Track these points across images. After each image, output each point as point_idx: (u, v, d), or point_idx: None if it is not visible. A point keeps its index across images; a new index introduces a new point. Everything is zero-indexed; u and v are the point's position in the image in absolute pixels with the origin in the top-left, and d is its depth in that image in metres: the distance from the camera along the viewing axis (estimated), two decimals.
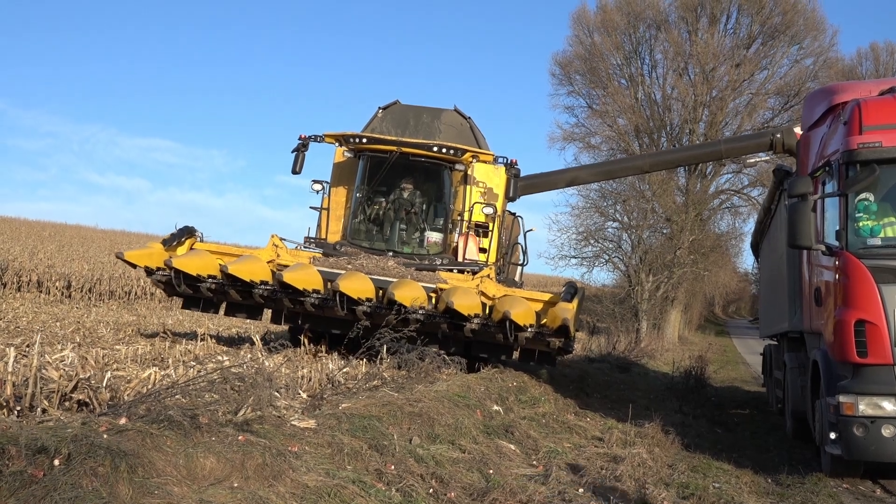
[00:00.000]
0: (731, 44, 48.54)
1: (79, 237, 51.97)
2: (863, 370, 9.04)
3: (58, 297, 30.04)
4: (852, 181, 9.35)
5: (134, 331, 17.89)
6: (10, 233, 45.74)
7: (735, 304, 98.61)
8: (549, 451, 9.98)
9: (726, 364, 33.76)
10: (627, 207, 42.48)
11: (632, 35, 49.36)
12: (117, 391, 7.60)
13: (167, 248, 13.99)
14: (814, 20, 48.29)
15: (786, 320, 13.41)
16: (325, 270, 13.37)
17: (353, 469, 6.74)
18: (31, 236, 45.57)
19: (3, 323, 17.39)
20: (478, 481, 7.78)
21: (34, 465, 4.64)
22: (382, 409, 8.44)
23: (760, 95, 48.51)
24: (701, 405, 17.32)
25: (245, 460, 5.85)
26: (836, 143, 9.92)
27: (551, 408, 13.17)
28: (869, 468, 9.78)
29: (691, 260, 42.91)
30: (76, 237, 51.55)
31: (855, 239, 9.29)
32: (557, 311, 13.15)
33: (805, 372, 11.51)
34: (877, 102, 9.73)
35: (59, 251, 38.56)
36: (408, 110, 16.64)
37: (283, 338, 15.66)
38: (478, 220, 15.49)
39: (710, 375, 22.45)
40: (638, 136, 48.27)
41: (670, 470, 10.00)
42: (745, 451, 11.79)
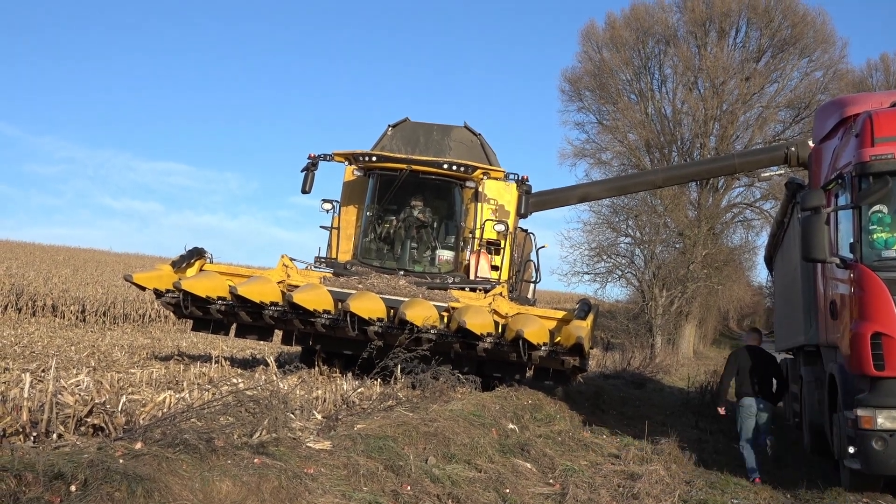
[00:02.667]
0: (741, 57, 48.60)
1: (93, 261, 52.20)
2: (880, 383, 9.01)
3: (72, 322, 30.18)
4: (865, 193, 9.35)
5: (148, 354, 17.96)
6: (25, 258, 45.98)
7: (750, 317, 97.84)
8: (566, 469, 9.95)
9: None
10: (640, 223, 42.53)
11: (641, 50, 49.51)
12: (133, 415, 7.62)
13: (176, 270, 14.01)
14: (823, 32, 48.34)
15: (801, 334, 13.36)
16: (335, 290, 13.38)
17: (369, 490, 6.74)
18: (46, 261, 45.78)
19: (19, 348, 17.47)
20: (494, 501, 7.77)
21: (51, 491, 4.66)
22: (398, 429, 8.44)
23: (771, 108, 48.50)
24: (717, 420, 17.23)
25: (261, 483, 5.85)
26: (848, 156, 9.92)
27: (567, 425, 13.14)
28: (889, 482, 9.73)
29: (705, 274, 42.84)
30: (90, 261, 51.78)
31: (869, 251, 9.28)
32: (571, 329, 13.12)
33: (822, 386, 11.46)
34: (888, 114, 9.73)
35: (74, 275, 38.76)
36: (418, 128, 16.67)
37: (298, 359, 15.67)
38: (489, 238, 15.49)
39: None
40: (649, 151, 48.28)
41: (688, 486, 9.96)
42: (763, 466, 11.72)
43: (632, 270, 43.87)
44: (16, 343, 18.71)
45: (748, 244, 50.98)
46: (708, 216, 45.27)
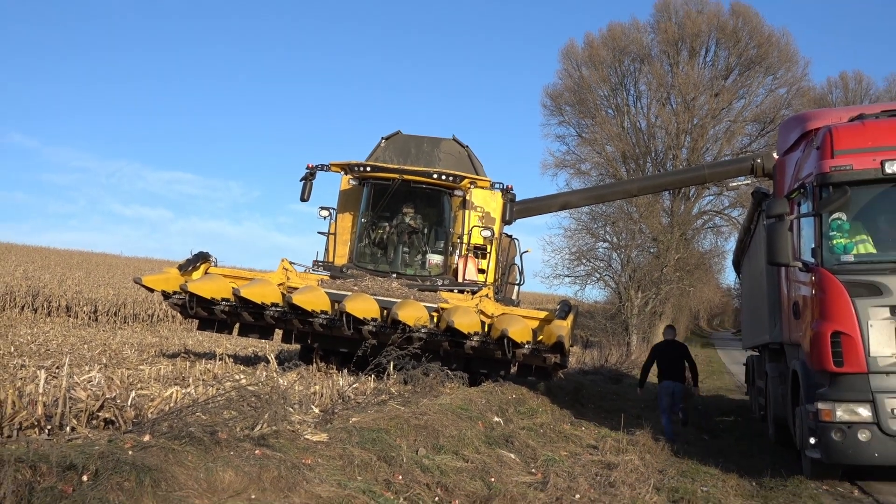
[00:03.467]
0: (710, 75, 48.87)
1: (105, 265, 52.03)
2: (839, 379, 9.05)
3: (85, 321, 30.08)
4: (826, 202, 9.39)
5: (156, 352, 17.90)
6: (41, 261, 45.82)
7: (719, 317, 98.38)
8: (547, 460, 9.94)
9: (712, 374, 33.66)
10: (616, 229, 42.68)
11: (617, 68, 49.71)
12: (141, 409, 7.60)
13: (183, 273, 13.99)
14: (787, 52, 48.65)
15: (766, 332, 13.41)
16: (332, 292, 13.37)
17: (363, 480, 6.73)
18: (61, 264, 45.63)
19: (35, 346, 17.40)
20: (480, 489, 7.76)
21: (64, 481, 4.64)
22: (390, 422, 8.43)
23: (738, 122, 48.78)
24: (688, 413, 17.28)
25: (262, 473, 5.84)
26: (809, 167, 9.97)
27: (548, 418, 13.14)
28: (847, 471, 9.77)
29: (677, 277, 42.97)
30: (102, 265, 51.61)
31: (829, 256, 9.32)
32: (553, 328, 13.14)
33: (785, 381, 11.51)
34: (847, 128, 9.78)
35: (87, 278, 38.64)
36: (409, 140, 16.69)
37: (297, 356, 15.64)
38: (476, 243, 15.51)
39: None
40: (625, 162, 48.44)
41: (661, 475, 9.97)
42: (731, 456, 11.76)
43: (609, 273, 44.03)
44: (32, 341, 18.65)
45: (717, 249, 51.29)
46: (680, 223, 45.43)
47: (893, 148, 9.22)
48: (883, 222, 9.51)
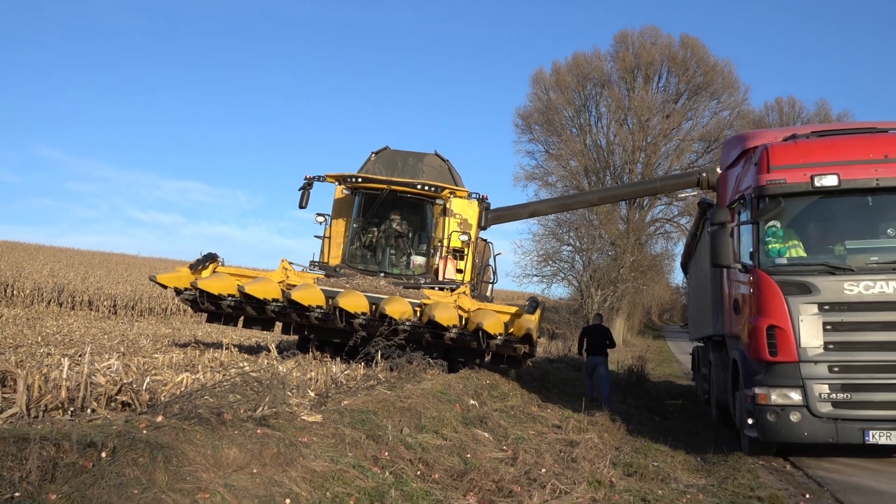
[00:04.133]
0: (662, 99, 49.12)
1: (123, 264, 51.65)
2: (774, 367, 9.11)
3: (105, 314, 29.89)
4: (762, 211, 9.45)
5: (169, 342, 17.79)
6: (66, 261, 45.43)
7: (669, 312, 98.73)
8: (517, 438, 9.95)
9: (662, 362, 33.84)
10: (579, 234, 42.75)
11: (581, 92, 49.86)
12: (155, 393, 7.55)
13: (193, 271, 13.92)
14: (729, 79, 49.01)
15: (710, 326, 13.47)
16: (326, 289, 13.34)
17: (353, 456, 6.71)
18: (84, 264, 45.25)
19: (60, 336, 17.25)
20: (458, 464, 7.76)
21: (85, 457, 4.60)
22: (378, 404, 8.41)
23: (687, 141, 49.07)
24: (642, 397, 17.37)
25: (263, 450, 5.81)
26: (748, 181, 10.03)
27: (518, 401, 13.16)
28: (780, 448, 9.82)
29: (632, 277, 43.12)
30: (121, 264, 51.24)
31: (765, 259, 9.38)
32: (522, 321, 13.18)
33: (726, 369, 11.56)
34: (781, 147, 9.85)
35: (107, 276, 38.39)
36: (396, 154, 16.68)
37: (295, 346, 15.59)
38: (455, 246, 15.52)
39: (649, 372, 22.52)
40: (587, 175, 48.58)
41: (617, 452, 10.01)
42: (679, 435, 11.80)
43: (572, 273, 44.07)
44: (57, 332, 18.48)
45: (667, 252, 51.53)
46: (635, 229, 45.61)
47: (822, 164, 9.29)
48: (812, 229, 9.59)
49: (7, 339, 15.82)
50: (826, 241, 9.49)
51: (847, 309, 8.90)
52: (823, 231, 9.56)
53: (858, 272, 8.96)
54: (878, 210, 9.34)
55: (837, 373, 8.88)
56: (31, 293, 30.43)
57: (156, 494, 4.65)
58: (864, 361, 8.85)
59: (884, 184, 9.10)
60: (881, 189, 9.14)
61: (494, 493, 6.94)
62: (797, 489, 8.19)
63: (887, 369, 8.81)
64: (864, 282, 8.89)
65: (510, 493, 6.96)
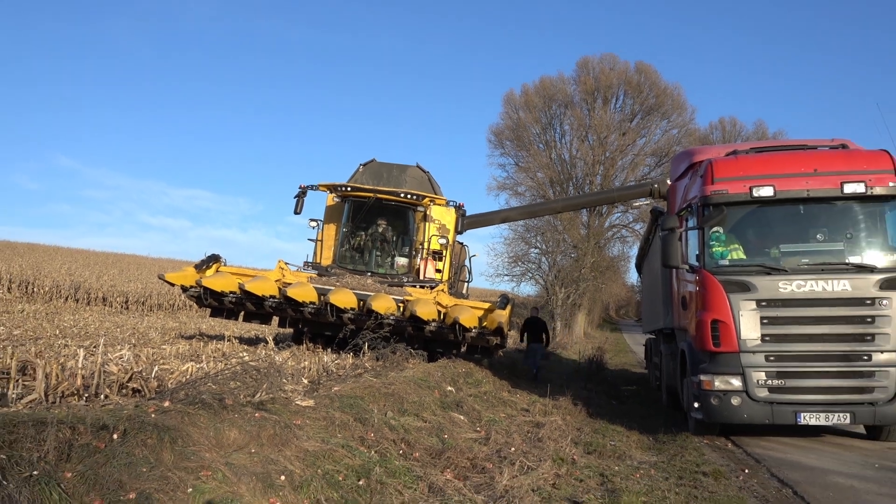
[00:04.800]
0: (619, 118, 49.27)
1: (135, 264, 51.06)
2: (717, 356, 9.19)
3: (118, 310, 29.55)
4: (707, 218, 9.53)
5: (176, 334, 17.62)
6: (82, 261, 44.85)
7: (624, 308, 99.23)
8: (489, 420, 9.97)
9: (619, 353, 34.04)
10: (545, 238, 42.79)
11: (547, 111, 49.91)
12: (163, 380, 7.48)
13: (198, 271, 13.79)
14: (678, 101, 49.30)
15: (661, 320, 13.57)
16: (319, 287, 13.27)
17: (342, 437, 6.68)
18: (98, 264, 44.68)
19: (76, 330, 17.03)
20: (436, 443, 7.76)
21: (98, 438, 4.55)
22: (364, 390, 8.39)
23: (640, 156, 49.26)
24: (600, 384, 17.44)
25: (260, 432, 5.77)
26: (695, 191, 10.10)
27: (490, 387, 13.18)
28: (723, 428, 9.91)
29: (592, 276, 43.27)
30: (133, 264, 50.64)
31: (710, 261, 9.46)
32: (494, 316, 13.20)
33: (675, 358, 11.65)
34: (724, 161, 9.94)
35: (120, 274, 37.96)
36: (382, 166, 16.66)
37: (290, 338, 15.50)
38: (434, 249, 15.51)
39: (606, 361, 22.62)
40: (552, 186, 48.61)
41: (578, 432, 10.05)
42: (633, 417, 11.88)
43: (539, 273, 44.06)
44: (73, 326, 18.24)
45: (623, 254, 51.62)
46: (595, 234, 45.75)
47: (759, 177, 9.39)
48: (751, 234, 9.68)
49: (28, 332, 15.59)
50: (763, 245, 9.58)
51: (781, 305, 9.00)
52: (761, 236, 9.64)
53: (791, 273, 9.06)
54: (809, 218, 9.45)
55: (773, 361, 8.98)
56: (49, 290, 30.07)
57: (163, 472, 4.60)
58: (795, 351, 8.95)
59: (813, 194, 9.21)
60: (811, 199, 9.26)
61: (469, 470, 6.95)
62: (737, 465, 8.27)
63: (816, 358, 8.92)
64: (796, 281, 9.00)
65: (483, 470, 6.97)
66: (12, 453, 4.08)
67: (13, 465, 3.99)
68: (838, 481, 7.43)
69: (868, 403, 8.81)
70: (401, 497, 5.82)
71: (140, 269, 44.88)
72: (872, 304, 8.81)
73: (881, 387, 8.77)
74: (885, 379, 8.76)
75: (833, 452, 9.02)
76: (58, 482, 4.07)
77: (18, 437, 4.22)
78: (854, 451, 9.06)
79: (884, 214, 9.24)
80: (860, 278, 8.89)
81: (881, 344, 8.76)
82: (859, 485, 7.29)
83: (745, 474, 7.74)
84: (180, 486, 4.57)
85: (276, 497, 5.12)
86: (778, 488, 7.20)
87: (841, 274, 8.94)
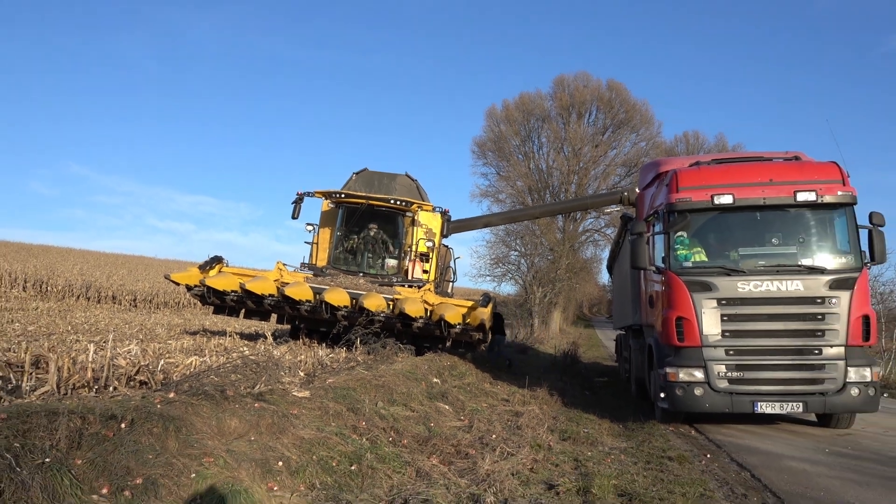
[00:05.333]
0: (592, 132, 49.48)
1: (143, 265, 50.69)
2: (681, 350, 9.23)
3: (127, 307, 29.30)
4: (672, 224, 9.57)
5: (181, 330, 17.48)
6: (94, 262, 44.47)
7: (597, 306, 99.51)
8: (472, 410, 9.96)
9: (591, 347, 34.14)
10: (524, 241, 42.90)
11: (526, 125, 50.03)
12: (168, 373, 7.41)
13: (202, 271, 13.68)
14: (646, 116, 49.59)
15: (630, 317, 13.62)
16: (314, 286, 13.21)
17: (336, 425, 6.65)
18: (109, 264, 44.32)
19: (87, 326, 16.87)
20: (423, 431, 7.74)
21: (107, 427, 4.50)
22: (357, 382, 8.36)
23: (611, 166, 49.46)
24: (575, 376, 17.48)
25: (259, 421, 5.74)
26: (661, 199, 10.15)
27: (473, 379, 13.17)
28: (687, 417, 9.96)
29: (567, 276, 43.42)
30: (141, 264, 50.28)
31: (675, 262, 9.50)
32: (477, 313, 13.18)
33: (643, 352, 11.69)
34: (688, 171, 10.00)
35: (129, 275, 37.66)
36: (373, 174, 16.62)
37: (288, 334, 15.42)
38: (422, 251, 15.48)
39: (580, 355, 22.68)
40: (531, 193, 48.71)
41: (554, 420, 10.06)
42: (605, 407, 11.91)
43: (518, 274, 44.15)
44: (84, 322, 18.06)
45: (596, 256, 51.92)
46: (569, 237, 45.91)
47: (720, 186, 9.45)
48: (712, 239, 9.73)
49: (41, 328, 15.42)
50: (723, 248, 9.63)
51: (740, 303, 9.06)
52: (721, 240, 9.70)
53: (749, 274, 9.12)
54: (765, 224, 9.53)
55: (732, 355, 9.03)
56: (62, 289, 29.78)
57: (168, 459, 4.56)
58: (753, 346, 9.01)
59: (769, 202, 9.29)
60: (767, 206, 9.33)
61: (453, 456, 6.93)
62: (700, 450, 8.31)
63: (771, 352, 8.99)
64: (753, 281, 9.06)
65: (467, 455, 6.95)
66: (26, 442, 4.03)
67: (27, 453, 3.94)
68: (792, 465, 7.49)
69: (819, 394, 8.89)
70: (390, 481, 5.80)
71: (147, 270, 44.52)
72: (823, 303, 8.89)
73: (830, 378, 8.86)
74: (834, 371, 8.85)
75: (787, 439, 9.09)
76: (69, 468, 4.03)
77: (32, 426, 4.17)
78: (806, 438, 9.13)
79: (833, 220, 9.35)
80: (811, 279, 8.97)
81: (830, 339, 8.85)
82: (811, 468, 7.35)
83: (707, 459, 7.78)
84: (184, 472, 4.53)
85: (274, 482, 5.08)
86: (737, 471, 7.24)
87: (794, 275, 9.02)
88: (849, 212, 9.22)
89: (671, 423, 9.97)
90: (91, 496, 3.98)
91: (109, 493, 4.07)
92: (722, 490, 6.41)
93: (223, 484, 4.63)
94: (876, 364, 9.04)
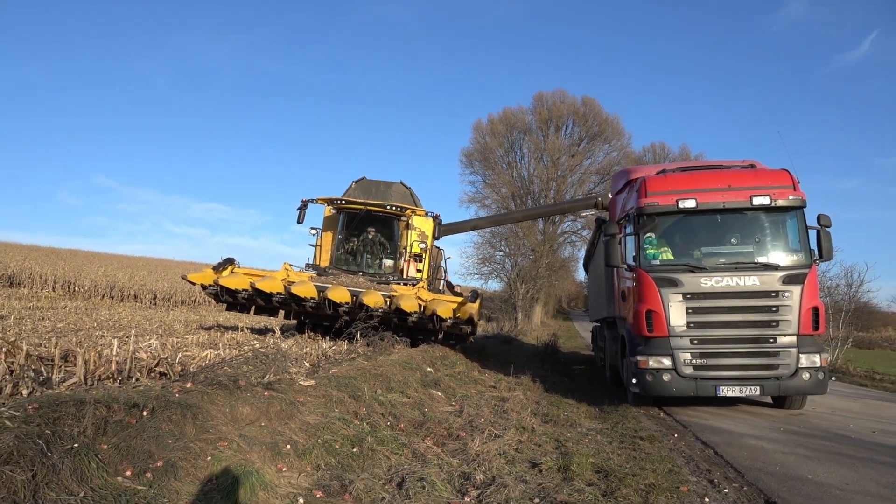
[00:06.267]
0: (569, 143, 49.61)
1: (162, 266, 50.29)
2: (651, 340, 9.27)
3: (147, 305, 29.09)
4: (642, 226, 9.61)
5: (197, 326, 17.36)
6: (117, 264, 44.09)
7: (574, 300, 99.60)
8: (463, 396, 9.96)
9: (570, 338, 34.21)
10: (508, 243, 42.97)
11: (509, 137, 50.12)
12: (185, 365, 7.37)
13: (216, 272, 13.62)
14: (617, 128, 49.79)
15: (605, 310, 13.66)
16: (318, 285, 13.17)
17: (339, 411, 6.64)
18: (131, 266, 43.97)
19: (111, 322, 16.72)
20: (418, 416, 7.73)
21: (130, 415, 4.48)
22: (357, 372, 8.34)
23: (587, 174, 49.62)
24: (555, 364, 17.51)
25: (269, 408, 5.72)
26: (632, 203, 10.19)
27: (463, 368, 13.17)
28: (656, 400, 10.00)
29: (547, 274, 43.51)
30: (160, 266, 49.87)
31: (644, 261, 9.54)
32: (467, 308, 13.20)
33: (617, 341, 11.73)
34: (655, 178, 10.04)
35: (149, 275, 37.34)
36: (371, 182, 16.60)
37: (294, 328, 15.36)
38: (416, 252, 15.48)
39: (560, 346, 22.73)
40: (514, 199, 48.75)
41: (537, 405, 10.07)
42: (583, 392, 11.93)
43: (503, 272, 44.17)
44: (109, 319, 17.91)
45: (573, 256, 51.90)
46: (549, 239, 46.01)
47: (684, 191, 9.49)
48: (678, 239, 9.77)
49: (69, 325, 15.27)
50: (688, 247, 9.68)
51: (703, 297, 9.10)
52: (686, 240, 9.74)
53: (711, 270, 9.17)
54: (725, 225, 9.57)
55: (696, 344, 9.07)
56: (88, 289, 29.56)
57: (186, 443, 4.54)
58: (714, 336, 9.06)
59: (728, 206, 9.34)
60: (726, 210, 9.38)
61: (446, 438, 6.93)
62: (668, 430, 8.35)
63: (731, 341, 9.04)
64: (714, 277, 9.11)
65: (458, 437, 6.96)
66: (56, 429, 4.00)
67: (57, 439, 3.92)
68: (751, 443, 7.53)
69: (774, 378, 8.95)
70: (389, 461, 5.79)
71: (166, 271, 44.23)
72: (777, 296, 8.95)
73: (784, 364, 8.91)
74: (787, 358, 8.91)
75: (746, 419, 9.14)
76: (95, 453, 4.00)
77: (61, 415, 4.14)
78: (763, 418, 9.19)
79: (785, 222, 9.41)
80: (766, 275, 9.03)
81: (784, 329, 8.91)
82: (768, 445, 7.39)
83: (675, 438, 7.81)
84: (201, 455, 4.51)
85: (282, 463, 5.07)
86: (701, 449, 7.28)
87: (751, 271, 9.08)
88: (799, 214, 9.29)
89: (642, 406, 10.01)
90: (116, 478, 3.96)
91: (133, 475, 4.05)
92: (688, 466, 6.45)
93: (236, 466, 4.61)
94: (824, 351, 9.11)
